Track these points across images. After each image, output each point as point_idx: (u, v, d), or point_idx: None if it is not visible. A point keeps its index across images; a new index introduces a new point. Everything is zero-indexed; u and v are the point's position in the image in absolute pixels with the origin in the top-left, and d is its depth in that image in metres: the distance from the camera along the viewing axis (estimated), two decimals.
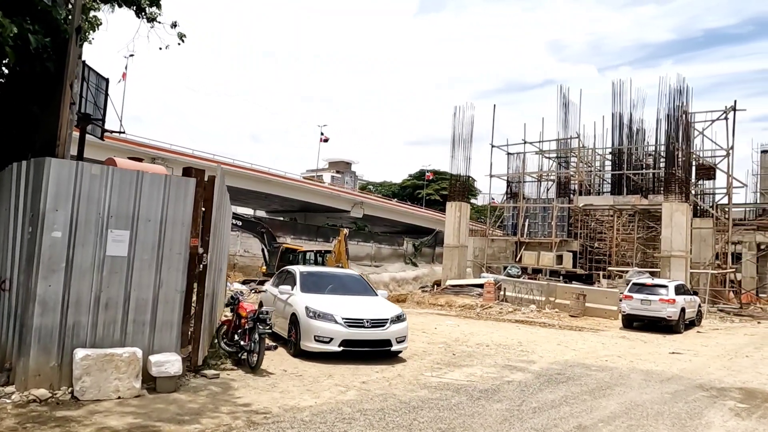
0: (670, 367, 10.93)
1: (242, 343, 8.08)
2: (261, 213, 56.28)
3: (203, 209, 7.15)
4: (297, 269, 10.83)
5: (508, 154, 37.98)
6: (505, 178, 37.93)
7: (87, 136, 10.43)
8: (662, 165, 37.27)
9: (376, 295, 10.56)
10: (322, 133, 70.64)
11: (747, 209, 44.22)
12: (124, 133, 22.19)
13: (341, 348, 8.86)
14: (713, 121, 30.44)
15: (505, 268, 31.03)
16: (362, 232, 49.37)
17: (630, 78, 42.58)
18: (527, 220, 35.52)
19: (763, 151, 50.49)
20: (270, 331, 7.87)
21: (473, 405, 6.89)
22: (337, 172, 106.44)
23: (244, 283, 24.94)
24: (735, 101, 29.55)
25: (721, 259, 29.42)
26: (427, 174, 75.14)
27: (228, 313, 9.34)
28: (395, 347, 9.28)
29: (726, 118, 30.30)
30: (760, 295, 35.49)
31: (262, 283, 27.30)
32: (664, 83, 37.75)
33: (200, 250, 7.11)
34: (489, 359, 10.36)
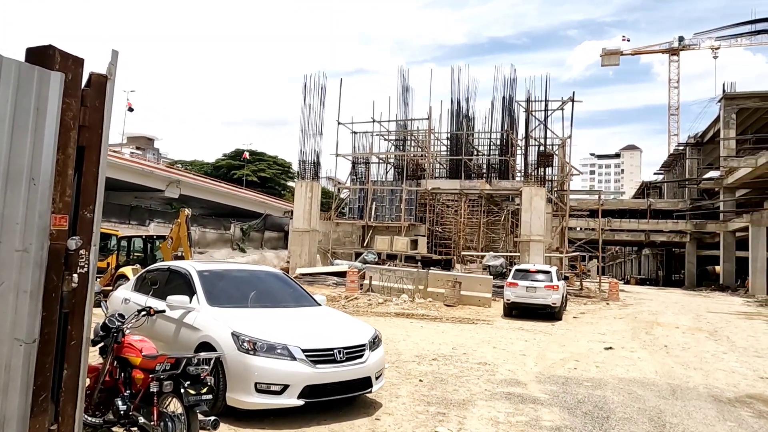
0: (644, 372, 9.39)
1: (141, 420, 4.14)
2: None
3: (81, 146, 3.17)
4: (189, 268, 6.78)
5: (354, 132, 35.66)
6: (350, 158, 35.55)
7: None
8: (495, 152, 38.46)
9: (318, 303, 7.07)
10: (128, 100, 60.87)
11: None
12: None
13: (303, 401, 5.31)
14: (552, 110, 31.53)
15: (358, 255, 28.63)
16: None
17: (468, 65, 43.10)
18: (374, 203, 33.63)
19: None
20: (210, 397, 4.08)
21: None
22: (137, 148, 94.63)
23: None
24: (573, 92, 30.92)
25: (559, 243, 30.76)
26: (244, 153, 69.50)
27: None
28: (375, 387, 5.99)
29: (563, 109, 31.64)
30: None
31: None
32: (499, 73, 38.80)
33: (74, 243, 3.12)
34: (471, 385, 7.63)
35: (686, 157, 62.12)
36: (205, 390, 4.02)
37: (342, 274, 24.99)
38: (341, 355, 5.57)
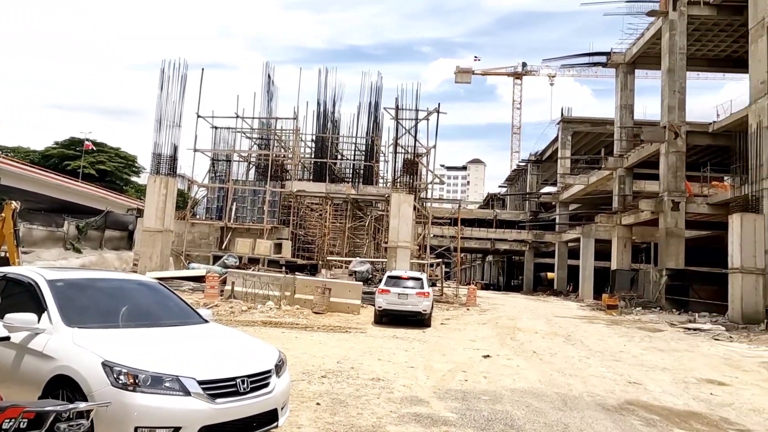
0: (530, 382, 9.48)
1: None
2: None
3: None
4: (35, 275, 5.25)
5: (214, 128, 33.40)
6: (210, 154, 33.20)
7: None
8: (360, 157, 38.51)
9: (205, 320, 5.93)
10: None
11: None
12: None
13: None
14: (420, 120, 32.22)
15: (217, 258, 26.66)
16: None
17: (335, 68, 41.84)
18: (235, 203, 31.73)
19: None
20: None
21: None
22: None
23: None
24: (439, 104, 31.90)
25: (421, 250, 31.44)
26: (86, 143, 62.35)
27: None
28: (281, 421, 5.06)
29: (428, 119, 32.50)
30: None
31: None
32: (366, 79, 38.95)
33: None
34: (373, 406, 6.98)
35: (528, 172, 67.87)
36: None
37: (199, 279, 23.10)
38: (245, 386, 4.60)
